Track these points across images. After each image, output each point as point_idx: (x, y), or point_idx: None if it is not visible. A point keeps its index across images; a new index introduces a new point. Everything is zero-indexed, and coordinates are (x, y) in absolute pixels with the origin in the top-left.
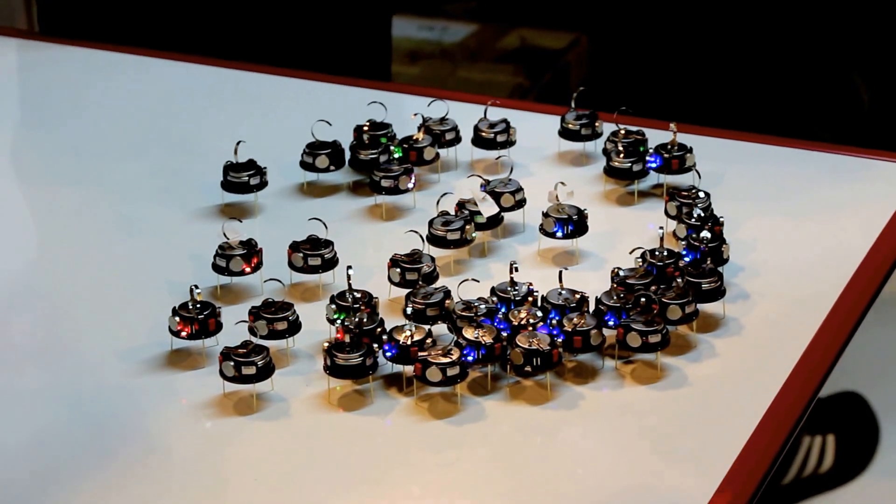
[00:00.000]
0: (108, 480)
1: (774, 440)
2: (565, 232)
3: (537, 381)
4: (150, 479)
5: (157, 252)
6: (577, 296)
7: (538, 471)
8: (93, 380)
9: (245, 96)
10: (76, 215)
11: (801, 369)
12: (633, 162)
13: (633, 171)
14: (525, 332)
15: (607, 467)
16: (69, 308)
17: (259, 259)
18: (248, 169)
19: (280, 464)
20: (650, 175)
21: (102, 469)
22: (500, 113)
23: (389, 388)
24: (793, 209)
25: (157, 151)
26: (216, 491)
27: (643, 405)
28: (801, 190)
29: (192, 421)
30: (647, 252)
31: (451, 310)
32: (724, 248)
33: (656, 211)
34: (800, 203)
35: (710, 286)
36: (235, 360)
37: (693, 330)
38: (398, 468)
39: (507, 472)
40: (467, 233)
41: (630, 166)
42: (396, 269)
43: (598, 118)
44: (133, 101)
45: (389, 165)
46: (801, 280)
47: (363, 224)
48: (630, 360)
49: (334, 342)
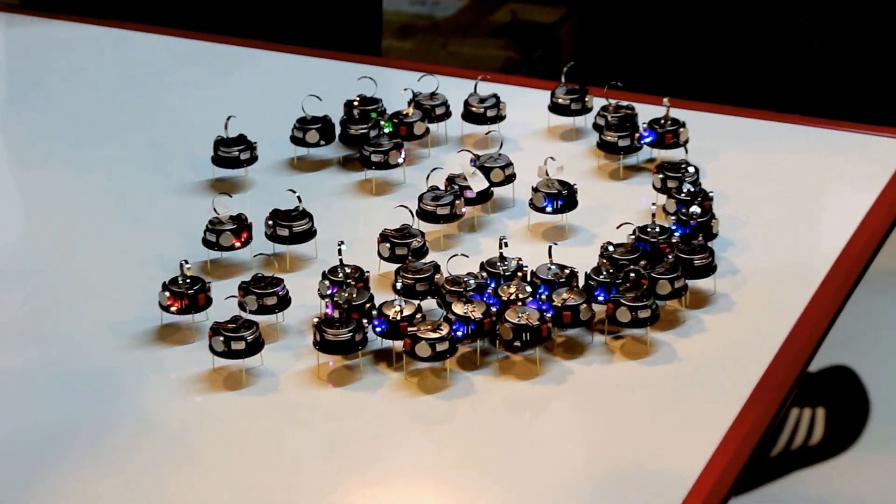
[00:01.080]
0: (98, 456)
1: (764, 415)
2: (555, 207)
3: (526, 356)
4: (140, 455)
5: (147, 227)
6: (567, 271)
7: (527, 446)
8: (82, 355)
9: (235, 71)
10: (64, 190)
11: (791, 344)
12: (624, 136)
13: (625, 145)
14: (514, 308)
15: (596, 443)
16: (58, 284)
17: (249, 234)
18: (239, 144)
19: (269, 439)
20: (643, 150)
21: (92, 445)
22: (491, 88)
23: (379, 364)
24: (783, 183)
25: (146, 126)
26: (206, 466)
27: (633, 380)
28: (792, 164)
29: (182, 396)
30: (638, 228)
31: (440, 285)
32: (713, 223)
33: (648, 186)
34: (790, 177)
35: (702, 262)
36: (225, 336)
37: (683, 305)
38: (387, 443)
39: (496, 446)
40: (457, 208)
41: (618, 141)
42: (386, 244)
43: (588, 93)
44: (121, 75)
45: (379, 140)
46: (790, 255)
47: (353, 199)
48: (619, 336)
49: (324, 318)
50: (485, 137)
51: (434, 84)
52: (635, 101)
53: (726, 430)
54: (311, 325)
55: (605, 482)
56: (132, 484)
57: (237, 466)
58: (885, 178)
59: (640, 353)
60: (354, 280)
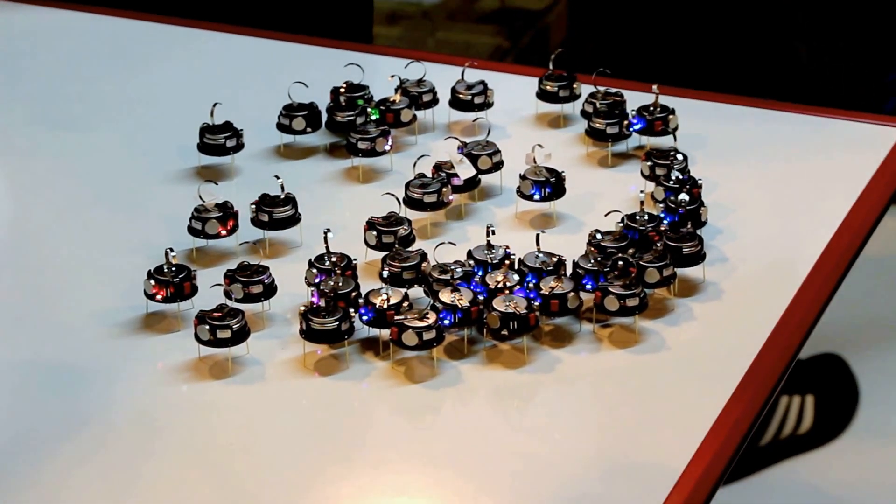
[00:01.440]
0: (82, 445)
1: (753, 404)
2: (543, 195)
3: (514, 344)
4: (125, 444)
5: (133, 215)
6: (555, 259)
7: (515, 435)
8: (67, 343)
9: (221, 58)
10: (47, 178)
11: (780, 332)
12: (612, 124)
13: (614, 132)
14: (502, 296)
15: (585, 432)
16: (42, 272)
17: (235, 222)
18: (225, 131)
19: (255, 428)
20: (632, 137)
21: (76, 434)
22: (478, 74)
23: (366, 353)
24: (773, 171)
25: (130, 114)
26: (191, 455)
27: (621, 369)
28: (782, 152)
29: (167, 384)
30: (627, 216)
31: (427, 273)
32: (702, 210)
33: (636, 174)
34: (780, 165)
35: (691, 250)
36: (211, 324)
37: (672, 294)
38: (374, 432)
39: (483, 436)
40: (444, 195)
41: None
42: (373, 232)
43: (576, 80)
44: (104, 62)
45: (366, 127)
46: (780, 243)
47: (340, 186)
48: (608, 324)
49: (310, 306)
50: (472, 124)
51: (421, 71)
52: (624, 89)
53: (715, 419)
54: (298, 314)
55: (593, 471)
56: (115, 474)
57: (222, 455)
58: (874, 165)
59: (629, 342)
60: (341, 268)
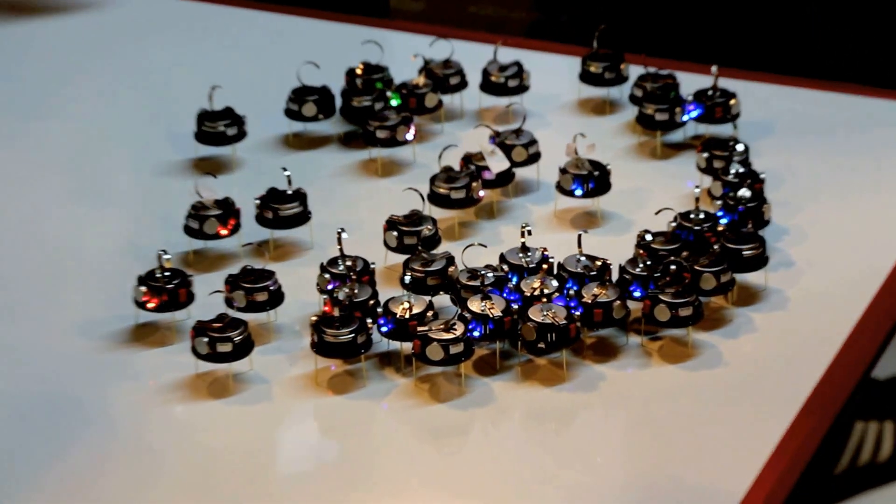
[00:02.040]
0: (66, 472)
1: (819, 427)
2: (585, 190)
3: (552, 359)
4: (113, 471)
5: (121, 213)
6: (598, 263)
7: (552, 461)
8: (48, 359)
9: (221, 35)
10: (26, 171)
11: (852, 347)
12: (664, 110)
13: (666, 120)
14: (538, 305)
15: (631, 458)
16: (18, 277)
17: (237, 221)
18: (225, 118)
19: (260, 455)
20: (687, 125)
21: (59, 459)
22: (513, 54)
23: (385, 368)
24: (847, 164)
25: (120, 97)
26: (187, 484)
27: (672, 387)
28: (858, 142)
29: (160, 405)
30: (680, 215)
31: (454, 279)
32: (764, 208)
33: (691, 166)
34: (855, 157)
35: (752, 253)
36: (210, 336)
37: (729, 302)
38: (395, 459)
39: (517, 462)
40: (474, 191)
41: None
42: (393, 233)
43: (623, 60)
44: (90, 39)
45: (386, 114)
46: (853, 246)
47: (356, 181)
48: (657, 337)
49: (322, 316)
50: (506, 111)
51: (448, 50)
52: (677, 70)
53: (777, 442)
54: (308, 325)
55: (640, 502)
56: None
57: (223, 487)
58: None
59: (681, 357)
60: (357, 273)
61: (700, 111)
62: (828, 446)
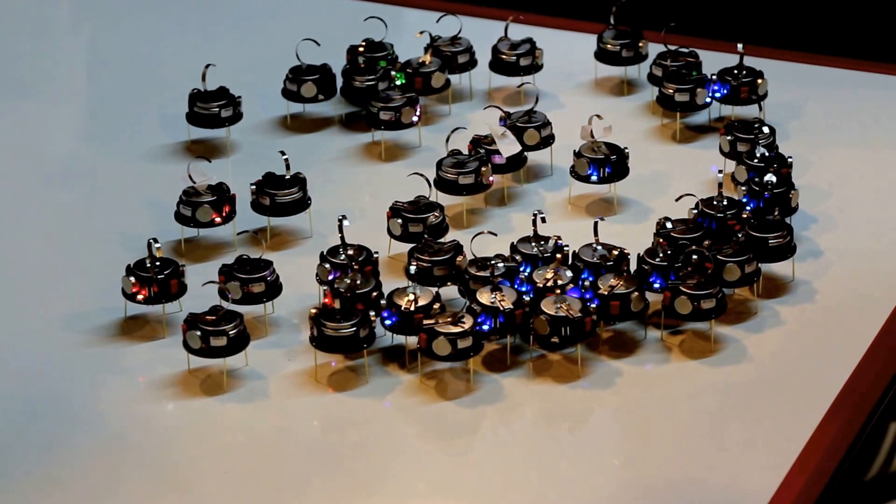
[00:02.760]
0: (51, 473)
1: (850, 426)
2: (601, 175)
3: (566, 354)
4: (101, 471)
5: (109, 199)
6: (615, 252)
7: (566, 463)
8: (33, 353)
9: (215, 10)
10: (9, 155)
11: (883, 341)
12: (684, 90)
13: (687, 101)
14: (552, 297)
15: (650, 459)
16: (3, 268)
17: (231, 207)
18: (219, 98)
19: (255, 454)
20: (711, 106)
21: (45, 459)
22: (525, 31)
23: (388, 364)
24: (878, 148)
25: (108, 76)
26: (178, 485)
27: (694, 384)
28: (889, 124)
29: (150, 402)
30: (702, 201)
31: (463, 269)
32: (792, 194)
33: (714, 150)
34: (887, 140)
35: (778, 242)
36: (203, 330)
37: (755, 294)
38: (399, 460)
39: (529, 463)
40: (483, 176)
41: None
42: (397, 220)
43: (642, 37)
44: (75, 13)
45: (390, 94)
46: (885, 234)
47: (358, 165)
48: (678, 331)
49: (322, 308)
50: (517, 91)
51: (456, 26)
52: (699, 48)
53: (805, 443)
54: (308, 318)
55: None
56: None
57: (217, 488)
58: None
59: (704, 352)
60: (359, 263)
61: (724, 91)
62: (859, 447)
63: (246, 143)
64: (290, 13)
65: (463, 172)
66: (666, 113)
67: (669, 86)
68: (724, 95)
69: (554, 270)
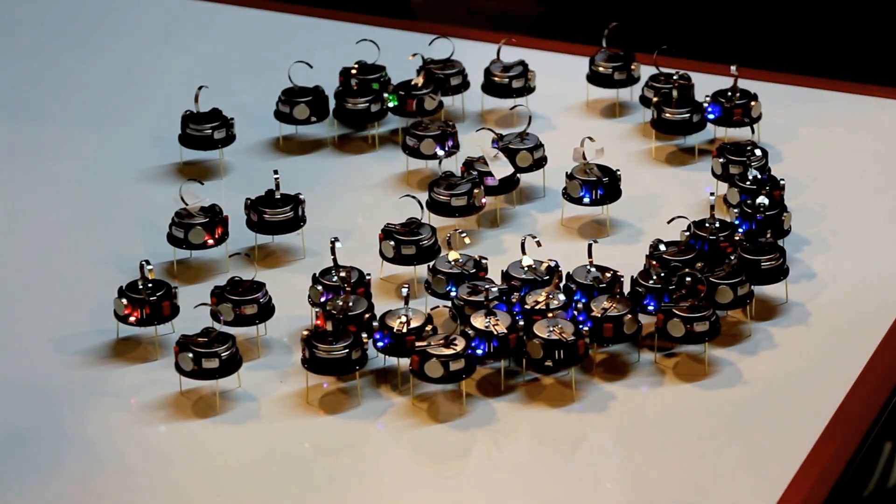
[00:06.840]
0: (43, 494)
1: (844, 449)
2: (594, 197)
3: (559, 378)
4: (92, 493)
5: (101, 220)
6: (608, 275)
7: (559, 488)
8: (23, 375)
9: (208, 32)
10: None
11: (878, 363)
12: (677, 112)
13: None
14: (545, 320)
15: (643, 483)
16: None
17: (224, 229)
18: (212, 120)
19: (247, 476)
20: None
21: (34, 482)
22: (517, 53)
23: (381, 386)
24: (871, 170)
25: (100, 97)
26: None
27: (687, 407)
28: (882, 147)
29: (142, 424)
30: (694, 223)
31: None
32: (784, 216)
33: (707, 173)
34: (879, 163)
35: (771, 264)
36: (195, 352)
37: (748, 317)
38: (391, 483)
39: (522, 487)
40: (476, 198)
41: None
42: (390, 242)
43: (634, 60)
44: (69, 35)
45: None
46: (878, 256)
47: (350, 187)
48: (672, 353)
49: (314, 330)
50: (510, 113)
51: (449, 48)
52: (692, 71)
53: (799, 466)
54: (300, 340)
55: None
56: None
57: None
58: None
59: (697, 375)
60: (351, 285)
61: (718, 113)
62: (854, 469)
63: (239, 164)
64: (284, 36)
65: (455, 194)
66: (657, 135)
67: (667, 110)
68: (718, 117)
69: (547, 293)
